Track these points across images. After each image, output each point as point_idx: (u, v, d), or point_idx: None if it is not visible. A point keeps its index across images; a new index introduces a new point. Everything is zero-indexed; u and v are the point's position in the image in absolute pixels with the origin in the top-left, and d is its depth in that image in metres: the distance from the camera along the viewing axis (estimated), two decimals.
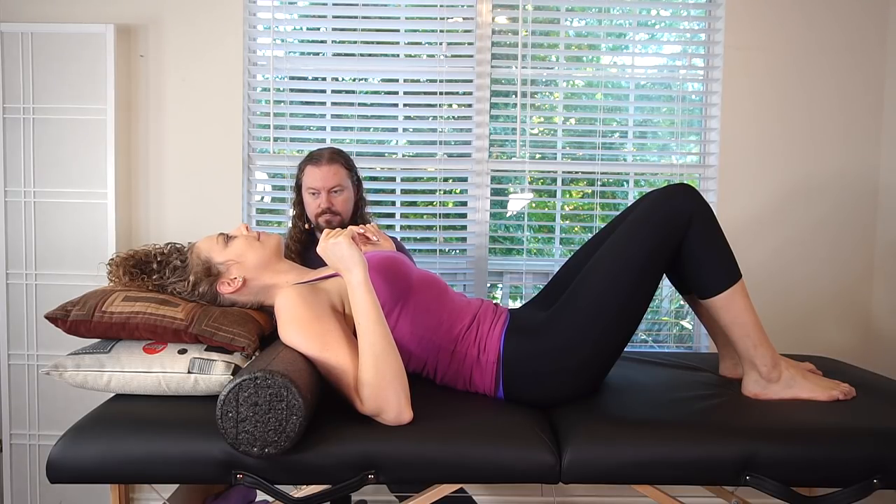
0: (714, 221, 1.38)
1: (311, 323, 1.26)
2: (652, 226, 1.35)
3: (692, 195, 1.36)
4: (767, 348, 1.40)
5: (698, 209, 1.35)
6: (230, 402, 1.10)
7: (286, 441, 1.11)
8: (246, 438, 1.11)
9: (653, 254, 1.35)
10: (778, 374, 1.40)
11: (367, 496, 2.23)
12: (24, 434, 2.23)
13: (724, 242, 1.39)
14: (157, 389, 1.30)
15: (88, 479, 1.17)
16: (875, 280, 2.32)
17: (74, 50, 2.17)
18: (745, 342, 1.40)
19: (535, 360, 1.36)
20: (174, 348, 1.31)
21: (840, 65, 2.29)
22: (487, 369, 1.39)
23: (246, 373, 1.11)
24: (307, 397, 1.13)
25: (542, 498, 2.32)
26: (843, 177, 2.31)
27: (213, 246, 1.42)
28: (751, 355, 1.40)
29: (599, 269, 1.37)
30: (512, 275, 2.49)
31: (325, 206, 1.89)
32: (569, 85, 2.55)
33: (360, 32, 2.36)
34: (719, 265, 1.37)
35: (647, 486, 1.24)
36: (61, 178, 2.19)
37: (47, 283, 2.20)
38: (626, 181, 2.42)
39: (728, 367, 1.60)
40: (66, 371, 1.29)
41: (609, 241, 1.40)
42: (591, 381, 1.40)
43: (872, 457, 1.19)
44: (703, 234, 1.36)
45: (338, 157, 1.92)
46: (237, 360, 1.29)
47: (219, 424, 1.11)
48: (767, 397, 1.40)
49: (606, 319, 1.35)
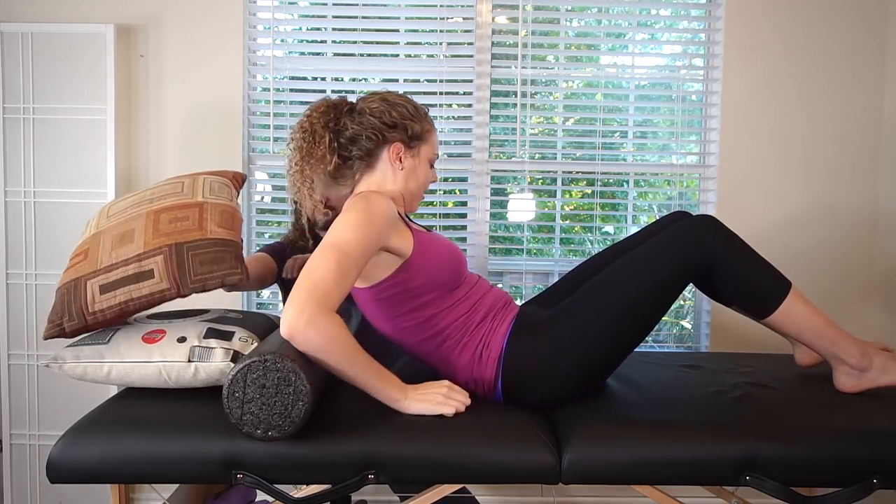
0: (744, 246, 1.37)
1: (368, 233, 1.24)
2: (674, 250, 1.35)
3: (717, 227, 1.36)
4: (849, 341, 1.37)
5: (724, 241, 1.35)
6: (238, 383, 1.10)
7: (290, 426, 1.11)
8: (250, 420, 1.11)
9: (670, 277, 1.35)
10: (869, 361, 1.37)
11: (367, 496, 2.23)
12: (24, 434, 2.23)
13: (761, 260, 1.38)
14: (158, 380, 1.29)
15: (88, 479, 1.17)
16: (875, 276, 2.32)
17: (74, 50, 2.16)
18: (822, 343, 1.38)
19: (533, 358, 1.36)
20: (173, 336, 1.31)
21: (840, 64, 2.29)
22: (488, 365, 1.38)
23: (256, 354, 1.11)
24: (315, 384, 1.13)
25: (542, 498, 2.32)
26: (843, 177, 2.31)
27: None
28: (834, 352, 1.38)
29: (613, 280, 1.37)
30: (512, 275, 2.49)
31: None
32: (568, 85, 2.56)
33: (360, 32, 2.36)
34: (764, 284, 1.36)
35: (647, 486, 1.24)
36: (61, 178, 2.19)
37: (47, 283, 2.20)
38: (626, 181, 2.42)
39: (803, 353, 1.57)
40: (65, 363, 1.29)
41: (628, 256, 1.40)
42: (587, 385, 1.40)
43: (872, 457, 1.19)
44: (737, 261, 1.35)
45: None
46: (236, 346, 1.30)
47: (224, 404, 1.11)
48: (864, 387, 1.38)
49: (609, 331, 1.34)
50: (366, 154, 1.44)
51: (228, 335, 1.32)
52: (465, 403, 1.28)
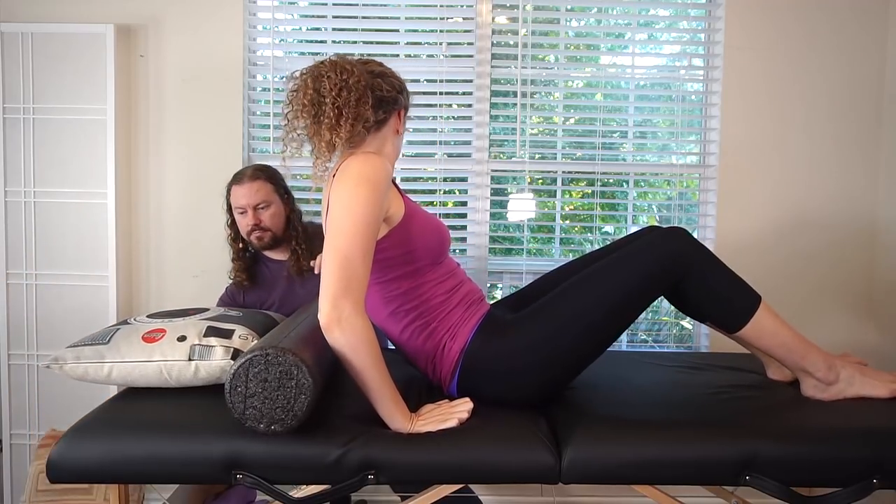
0: (715, 260, 1.37)
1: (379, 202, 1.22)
2: (648, 260, 1.34)
3: (690, 241, 1.35)
4: (816, 354, 1.38)
5: (697, 255, 1.34)
6: (240, 377, 1.10)
7: (293, 420, 1.11)
8: (253, 414, 1.11)
9: (641, 285, 1.33)
10: (836, 375, 1.38)
11: (367, 496, 2.23)
12: (24, 434, 2.23)
13: (731, 276, 1.37)
14: (159, 379, 1.29)
15: (89, 478, 1.17)
16: (875, 279, 2.32)
17: (74, 50, 2.16)
18: (790, 356, 1.38)
19: (493, 358, 1.35)
20: (173, 335, 1.31)
21: (840, 64, 2.29)
22: (449, 357, 1.38)
23: (257, 349, 1.12)
24: (316, 377, 1.13)
25: (542, 498, 2.32)
26: (843, 177, 2.31)
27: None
28: (802, 366, 1.39)
29: (582, 287, 1.36)
30: (512, 275, 2.49)
31: (252, 223, 1.90)
32: (568, 85, 2.55)
33: (360, 32, 2.36)
34: (734, 300, 1.36)
35: (647, 486, 1.24)
36: (61, 178, 2.19)
37: (47, 283, 2.20)
38: (626, 181, 2.42)
39: (776, 370, 1.58)
40: (66, 364, 1.29)
41: (600, 265, 1.38)
42: (541, 388, 1.38)
43: (872, 457, 1.19)
44: (709, 276, 1.35)
45: (260, 172, 1.93)
46: (236, 344, 1.30)
47: (227, 399, 1.11)
48: (830, 398, 1.39)
49: (576, 336, 1.33)
50: (387, 117, 1.41)
51: (228, 333, 1.32)
52: (467, 411, 1.27)
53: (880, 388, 1.38)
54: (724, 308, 1.36)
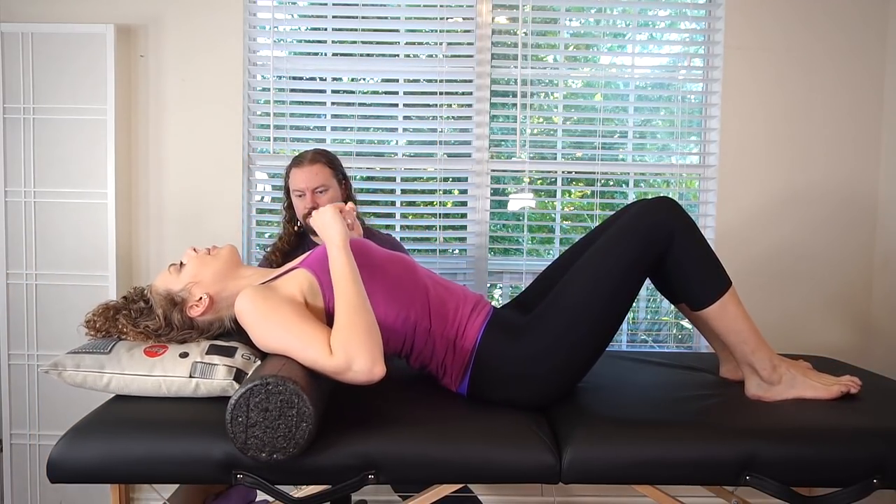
0: (698, 234, 1.38)
1: (269, 313, 1.25)
2: (633, 238, 1.35)
3: (674, 210, 1.36)
4: (765, 352, 1.40)
5: (680, 224, 1.36)
6: (240, 407, 1.10)
7: (295, 448, 1.11)
8: (255, 444, 1.11)
9: (632, 265, 1.35)
10: (779, 377, 1.40)
11: (367, 496, 2.23)
12: (24, 434, 2.23)
13: (710, 253, 1.39)
14: (157, 392, 1.29)
15: (89, 478, 1.17)
16: (875, 280, 2.32)
17: (74, 50, 2.17)
18: (741, 348, 1.40)
19: (508, 361, 1.36)
20: (175, 351, 1.31)
21: (840, 64, 2.29)
22: (460, 356, 1.38)
23: (257, 378, 1.11)
24: (317, 405, 1.13)
25: (542, 498, 2.32)
26: (843, 177, 2.31)
27: (167, 277, 1.40)
28: (749, 360, 1.41)
29: (580, 279, 1.37)
30: (511, 275, 2.49)
31: (310, 206, 1.89)
32: (567, 85, 2.56)
33: (359, 32, 2.36)
34: (707, 277, 1.38)
35: (647, 486, 1.24)
36: (61, 178, 2.19)
37: (47, 283, 2.20)
38: (626, 181, 2.42)
39: (729, 369, 1.60)
40: (65, 370, 1.29)
41: (591, 251, 1.40)
42: (559, 389, 1.39)
43: (872, 457, 1.19)
44: (688, 248, 1.36)
45: (320, 156, 1.92)
46: (238, 364, 1.29)
47: (228, 429, 1.11)
48: (771, 399, 1.40)
49: (583, 329, 1.34)
50: (181, 325, 1.38)
51: (231, 351, 1.32)
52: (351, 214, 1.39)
53: (821, 390, 1.39)
54: (696, 282, 1.38)
